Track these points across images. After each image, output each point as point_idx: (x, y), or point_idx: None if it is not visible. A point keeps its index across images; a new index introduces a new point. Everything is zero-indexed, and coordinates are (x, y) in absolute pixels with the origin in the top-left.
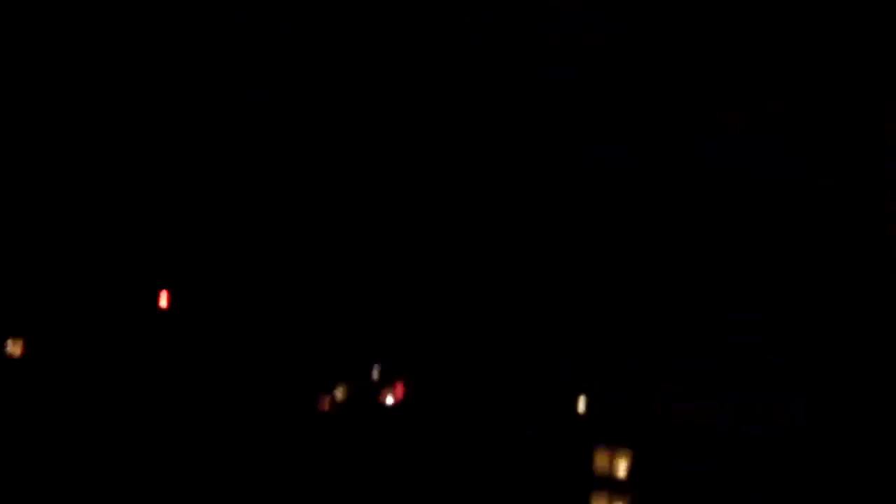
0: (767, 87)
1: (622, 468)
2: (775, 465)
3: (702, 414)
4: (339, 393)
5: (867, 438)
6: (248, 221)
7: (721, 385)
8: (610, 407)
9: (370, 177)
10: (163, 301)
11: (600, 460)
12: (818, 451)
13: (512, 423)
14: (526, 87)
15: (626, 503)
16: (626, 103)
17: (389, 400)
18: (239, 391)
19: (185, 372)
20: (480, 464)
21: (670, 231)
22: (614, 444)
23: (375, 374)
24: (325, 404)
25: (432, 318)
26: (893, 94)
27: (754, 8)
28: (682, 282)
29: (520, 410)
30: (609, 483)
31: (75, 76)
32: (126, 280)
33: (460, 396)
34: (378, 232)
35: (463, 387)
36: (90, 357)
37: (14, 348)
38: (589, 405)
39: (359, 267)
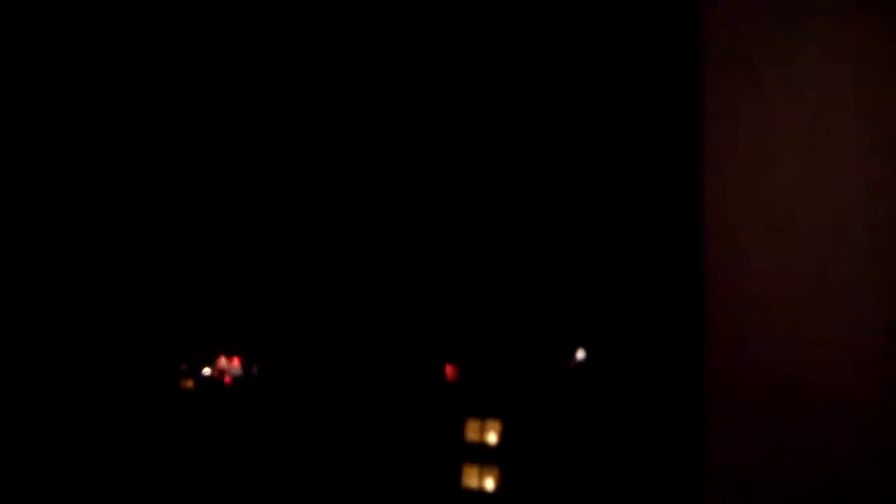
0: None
1: (492, 438)
2: (640, 439)
3: (572, 385)
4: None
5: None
6: None
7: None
8: (480, 378)
9: None
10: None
11: (471, 430)
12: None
13: (382, 394)
14: None
15: (497, 473)
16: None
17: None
18: None
19: None
20: (353, 436)
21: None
22: (485, 415)
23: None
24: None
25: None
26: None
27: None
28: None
29: (390, 383)
30: (479, 452)
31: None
32: None
33: (330, 370)
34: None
35: (333, 360)
36: None
37: None
38: (460, 376)
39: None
